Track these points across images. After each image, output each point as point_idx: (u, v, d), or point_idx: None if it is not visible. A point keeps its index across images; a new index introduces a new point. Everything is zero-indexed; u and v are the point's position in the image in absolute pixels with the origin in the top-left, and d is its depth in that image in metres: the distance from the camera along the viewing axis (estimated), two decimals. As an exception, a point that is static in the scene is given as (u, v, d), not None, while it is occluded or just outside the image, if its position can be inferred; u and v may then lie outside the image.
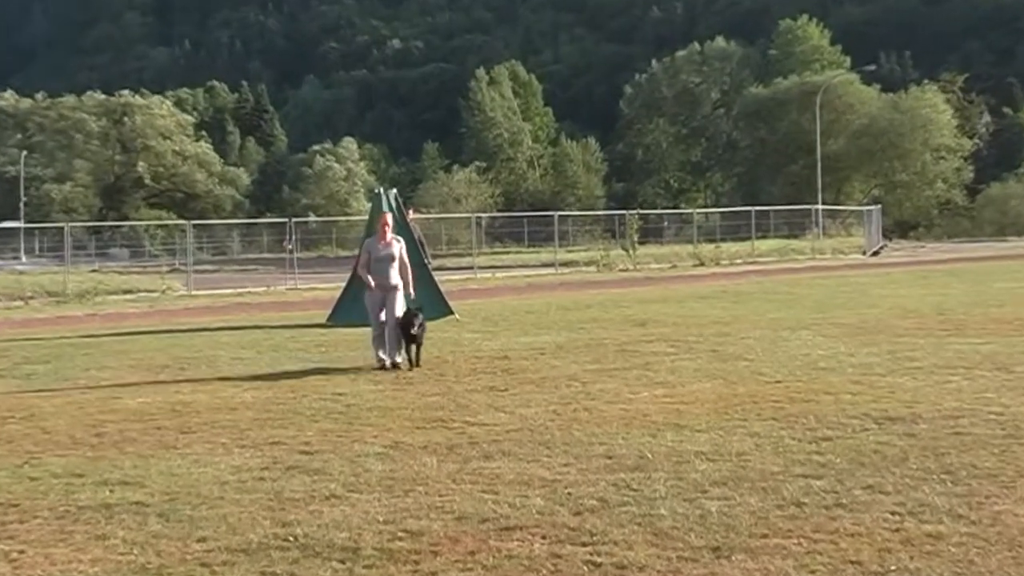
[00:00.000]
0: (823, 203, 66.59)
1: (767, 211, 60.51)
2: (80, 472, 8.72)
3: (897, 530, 6.60)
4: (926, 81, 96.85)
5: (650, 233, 56.85)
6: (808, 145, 78.62)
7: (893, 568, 5.95)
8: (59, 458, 9.33)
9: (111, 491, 8.07)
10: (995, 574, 5.87)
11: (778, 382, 12.38)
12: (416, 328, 14.50)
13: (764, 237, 56.56)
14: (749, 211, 53.88)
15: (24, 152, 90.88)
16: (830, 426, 9.71)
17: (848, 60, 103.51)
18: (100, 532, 7.04)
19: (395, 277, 14.97)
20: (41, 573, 6.31)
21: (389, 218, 15.77)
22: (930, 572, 5.87)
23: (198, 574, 6.20)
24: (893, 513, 6.93)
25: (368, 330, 15.41)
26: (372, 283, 14.86)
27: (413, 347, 14.70)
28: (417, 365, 14.53)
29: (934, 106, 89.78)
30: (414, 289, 15.31)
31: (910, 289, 27.91)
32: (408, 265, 15.19)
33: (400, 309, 14.77)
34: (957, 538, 6.42)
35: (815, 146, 72.18)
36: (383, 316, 14.80)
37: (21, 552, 6.68)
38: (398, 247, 15.09)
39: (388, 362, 14.57)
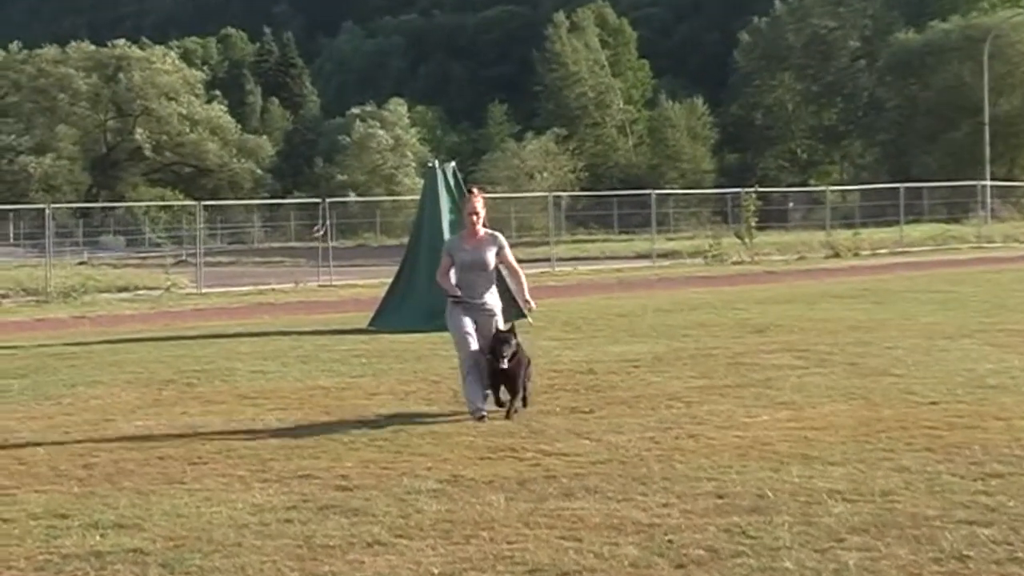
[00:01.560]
0: (992, 178, 65.81)
1: (920, 188, 59.99)
2: (64, 512, 8.81)
3: (1087, 592, 6.52)
4: None
5: (772, 217, 56.62)
6: (973, 105, 77.80)
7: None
8: (39, 495, 9.45)
9: (103, 536, 8.15)
10: None
11: (934, 404, 12.30)
12: (507, 358, 12.24)
13: (916, 221, 56.10)
14: (897, 189, 53.50)
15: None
16: (1001, 460, 9.61)
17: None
18: (90, 585, 7.11)
19: (489, 292, 12.87)
20: (18, 635, 6.41)
21: (479, 204, 12.92)
22: None
23: (209, 638, 6.27)
24: (1082, 571, 6.85)
25: (420, 339, 15.30)
26: (457, 293, 12.69)
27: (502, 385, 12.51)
28: (524, 405, 12.53)
29: None
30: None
31: (1104, 287, 27.59)
32: (517, 269, 13.20)
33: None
34: None
35: (982, 106, 71.42)
36: (474, 344, 12.52)
37: (-7, 609, 6.79)
38: (494, 248, 12.81)
39: (475, 410, 12.31)
